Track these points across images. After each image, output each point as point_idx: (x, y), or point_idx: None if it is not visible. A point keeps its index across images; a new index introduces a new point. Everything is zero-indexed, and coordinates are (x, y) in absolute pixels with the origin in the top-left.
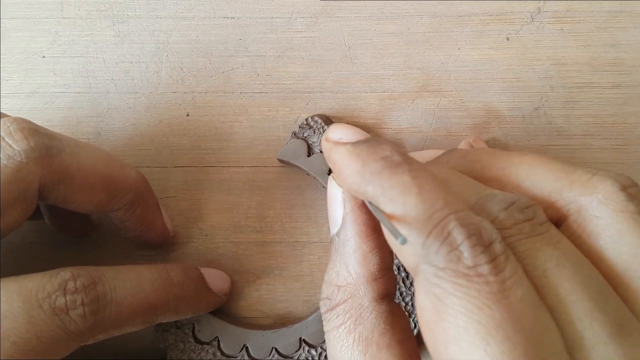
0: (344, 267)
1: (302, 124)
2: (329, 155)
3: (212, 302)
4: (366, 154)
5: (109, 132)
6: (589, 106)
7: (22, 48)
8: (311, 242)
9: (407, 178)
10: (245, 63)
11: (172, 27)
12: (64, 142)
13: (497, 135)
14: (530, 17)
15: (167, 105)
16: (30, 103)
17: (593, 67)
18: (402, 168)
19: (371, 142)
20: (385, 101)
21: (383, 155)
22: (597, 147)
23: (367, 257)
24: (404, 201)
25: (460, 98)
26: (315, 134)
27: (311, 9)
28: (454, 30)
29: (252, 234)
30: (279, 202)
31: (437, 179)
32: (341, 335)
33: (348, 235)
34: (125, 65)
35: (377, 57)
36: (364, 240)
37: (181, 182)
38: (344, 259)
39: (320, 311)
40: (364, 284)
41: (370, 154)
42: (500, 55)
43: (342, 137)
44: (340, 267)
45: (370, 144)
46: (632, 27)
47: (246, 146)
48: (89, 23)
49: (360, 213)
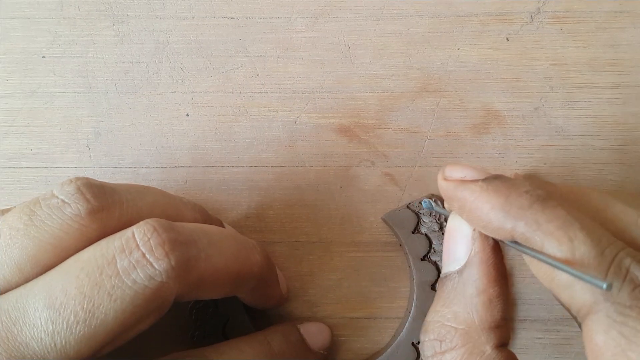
0: (465, 308)
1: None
2: (455, 194)
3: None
4: (506, 189)
5: (109, 132)
6: (589, 106)
7: (22, 48)
8: (311, 242)
9: (562, 212)
10: (245, 63)
11: (171, 27)
12: (200, 245)
13: (497, 135)
14: (530, 17)
15: (167, 105)
16: (30, 103)
17: (593, 67)
18: (553, 202)
19: (505, 178)
20: (385, 101)
21: (525, 189)
22: (597, 147)
23: (493, 302)
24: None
25: (460, 98)
26: (430, 216)
27: (311, 9)
28: (454, 30)
29: (252, 233)
30: (278, 202)
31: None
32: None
33: (474, 275)
34: (125, 65)
35: (377, 57)
36: (491, 284)
37: (181, 182)
38: (465, 299)
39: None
40: (487, 330)
41: (511, 189)
42: (500, 55)
43: (464, 175)
44: (459, 307)
45: (504, 179)
46: (632, 27)
47: (246, 146)
48: (89, 23)
49: (491, 254)
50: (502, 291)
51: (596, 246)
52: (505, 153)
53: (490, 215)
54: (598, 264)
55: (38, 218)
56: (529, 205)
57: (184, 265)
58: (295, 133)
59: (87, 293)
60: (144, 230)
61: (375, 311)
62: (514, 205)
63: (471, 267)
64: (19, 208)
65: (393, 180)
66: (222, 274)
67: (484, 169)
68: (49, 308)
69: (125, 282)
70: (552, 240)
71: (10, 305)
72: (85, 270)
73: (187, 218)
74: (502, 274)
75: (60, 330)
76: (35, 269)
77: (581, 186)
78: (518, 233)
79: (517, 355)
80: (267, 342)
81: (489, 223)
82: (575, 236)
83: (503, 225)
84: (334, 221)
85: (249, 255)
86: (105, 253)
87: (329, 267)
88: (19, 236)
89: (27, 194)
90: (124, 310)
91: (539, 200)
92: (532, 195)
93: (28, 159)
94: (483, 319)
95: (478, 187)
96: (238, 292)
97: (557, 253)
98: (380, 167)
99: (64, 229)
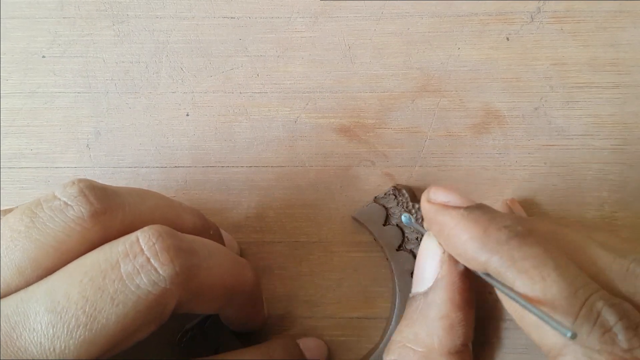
0: (426, 331)
1: (388, 192)
2: (435, 218)
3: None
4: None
5: (109, 132)
6: (589, 106)
7: (22, 48)
8: (311, 242)
9: (539, 250)
10: (245, 63)
11: (171, 27)
12: (200, 255)
13: (497, 135)
14: (530, 17)
15: (167, 105)
16: (30, 103)
17: (593, 67)
18: (531, 240)
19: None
20: (385, 101)
21: (505, 224)
22: (597, 147)
23: (455, 327)
24: (541, 275)
25: (460, 98)
26: (398, 206)
27: (311, 9)
28: (454, 30)
29: (252, 233)
30: (278, 202)
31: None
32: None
33: (438, 299)
34: (125, 65)
35: (377, 57)
36: (454, 309)
37: (181, 182)
38: (427, 322)
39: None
40: (446, 355)
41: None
42: (500, 55)
43: (448, 200)
44: (419, 330)
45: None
46: (632, 27)
47: (246, 146)
48: (89, 23)
49: (457, 280)
50: (465, 317)
51: (569, 287)
52: (505, 153)
53: (467, 245)
54: (569, 305)
55: (40, 220)
56: (506, 240)
57: (187, 272)
58: (295, 133)
59: (89, 297)
60: (149, 235)
61: (375, 311)
62: (491, 238)
63: (436, 290)
64: (20, 210)
65: (393, 180)
66: (218, 285)
67: (468, 198)
68: (50, 312)
69: (129, 286)
70: (525, 278)
71: (10, 310)
72: (89, 274)
73: (187, 222)
74: (467, 301)
75: (61, 334)
76: (37, 271)
77: (561, 224)
78: (492, 267)
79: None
80: (268, 355)
81: (465, 252)
82: (548, 275)
83: (478, 257)
84: (334, 221)
85: (242, 271)
86: (109, 257)
87: (329, 267)
88: (21, 238)
89: (27, 194)
90: (126, 315)
91: (517, 236)
92: (511, 230)
93: (28, 159)
94: (443, 343)
95: (459, 214)
96: (228, 307)
97: (528, 292)
98: (380, 167)
99: (66, 231)
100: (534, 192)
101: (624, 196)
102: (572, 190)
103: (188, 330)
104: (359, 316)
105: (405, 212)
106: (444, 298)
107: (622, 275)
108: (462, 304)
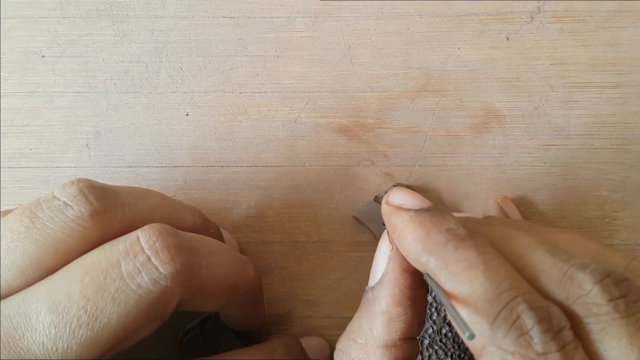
0: (368, 324)
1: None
2: (389, 219)
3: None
4: (430, 224)
5: (109, 132)
6: (589, 106)
7: (22, 47)
8: (311, 242)
9: (472, 254)
10: (244, 63)
11: (171, 27)
12: (202, 253)
13: (497, 134)
14: (530, 16)
15: (167, 104)
16: (29, 102)
17: (593, 66)
18: (468, 243)
19: (435, 212)
20: (385, 101)
21: (447, 227)
22: (597, 147)
23: (393, 322)
24: (469, 277)
25: (460, 98)
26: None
27: (311, 9)
28: (454, 30)
29: (252, 233)
30: (278, 201)
31: (502, 257)
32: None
33: (381, 294)
34: (125, 64)
35: (377, 57)
36: (394, 305)
37: (180, 182)
38: (369, 315)
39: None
40: (382, 347)
41: (435, 224)
42: (500, 54)
43: (403, 202)
44: (363, 322)
45: (433, 213)
46: (632, 27)
47: (245, 146)
48: (89, 22)
49: (401, 276)
50: (405, 312)
51: (494, 290)
52: (505, 152)
53: (411, 246)
54: (490, 307)
55: (40, 220)
56: (444, 243)
57: (188, 270)
58: (295, 133)
59: (90, 297)
60: (149, 233)
61: None
62: (431, 241)
63: (381, 285)
64: (20, 210)
65: (393, 180)
66: (220, 284)
67: (425, 201)
68: (52, 312)
69: (130, 285)
70: (454, 281)
71: (12, 311)
72: (90, 274)
73: (187, 221)
74: (409, 297)
75: (63, 334)
76: (37, 272)
77: (518, 227)
78: (429, 268)
79: None
80: (270, 354)
81: (409, 253)
82: (475, 278)
83: (419, 258)
84: (334, 221)
85: (244, 269)
86: (109, 256)
87: (329, 267)
88: (21, 239)
89: (27, 194)
90: (128, 314)
91: (455, 239)
92: (452, 233)
93: (28, 159)
94: (379, 336)
95: (408, 216)
96: (230, 305)
97: (457, 294)
98: (380, 166)
99: (66, 231)
100: (533, 191)
101: (624, 196)
102: (571, 190)
103: (189, 330)
104: None
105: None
106: (385, 293)
107: (557, 280)
108: (403, 300)
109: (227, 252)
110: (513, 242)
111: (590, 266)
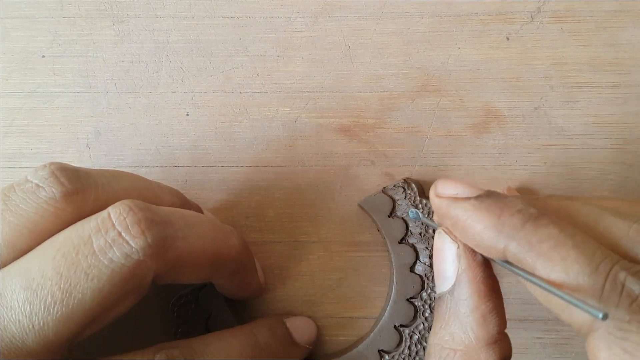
0: (460, 328)
1: (398, 184)
2: (447, 212)
3: (298, 356)
4: (498, 209)
5: (109, 132)
6: (589, 106)
7: (22, 47)
8: (311, 242)
9: (554, 231)
10: (245, 63)
11: (171, 27)
12: (176, 226)
13: (497, 134)
14: (530, 16)
15: (167, 104)
16: (29, 102)
17: (593, 66)
18: (545, 221)
19: (498, 196)
20: (385, 101)
21: (518, 208)
22: (597, 147)
23: (487, 318)
24: (561, 255)
25: (460, 98)
26: (405, 199)
27: (311, 9)
28: (454, 29)
29: (252, 233)
30: (278, 201)
31: (580, 230)
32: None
33: (464, 294)
34: (125, 64)
35: (377, 57)
36: (483, 300)
37: (181, 182)
38: (459, 319)
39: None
40: (485, 347)
41: (503, 208)
42: (500, 54)
43: (457, 192)
44: (455, 328)
45: (497, 197)
46: (632, 27)
47: (246, 146)
48: (89, 22)
49: (478, 271)
50: (495, 305)
51: (590, 264)
52: (505, 152)
53: (483, 235)
54: (593, 282)
55: (13, 202)
56: (521, 225)
57: (161, 243)
58: (295, 133)
59: (63, 273)
60: (119, 209)
61: (375, 311)
62: (506, 225)
63: (460, 285)
64: None
65: (393, 180)
66: (200, 255)
67: (476, 185)
68: (26, 290)
69: (102, 260)
70: (545, 261)
71: None
72: (62, 250)
73: (165, 202)
74: (493, 289)
75: (38, 311)
76: (12, 253)
77: (571, 198)
78: (510, 253)
79: (517, 356)
80: (253, 335)
81: (482, 242)
82: (567, 255)
83: (495, 245)
84: (334, 221)
85: (226, 239)
86: (81, 233)
87: (329, 267)
88: None
89: None
90: (101, 289)
91: (531, 219)
92: (525, 214)
93: (28, 159)
94: (479, 336)
95: (470, 205)
96: (217, 276)
97: (550, 274)
98: (380, 166)
99: (39, 212)
100: (533, 191)
101: (624, 196)
102: (572, 190)
103: (182, 296)
104: (359, 316)
105: (412, 206)
106: (469, 292)
107: (638, 241)
108: (488, 293)
109: (207, 222)
110: (578, 213)
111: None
